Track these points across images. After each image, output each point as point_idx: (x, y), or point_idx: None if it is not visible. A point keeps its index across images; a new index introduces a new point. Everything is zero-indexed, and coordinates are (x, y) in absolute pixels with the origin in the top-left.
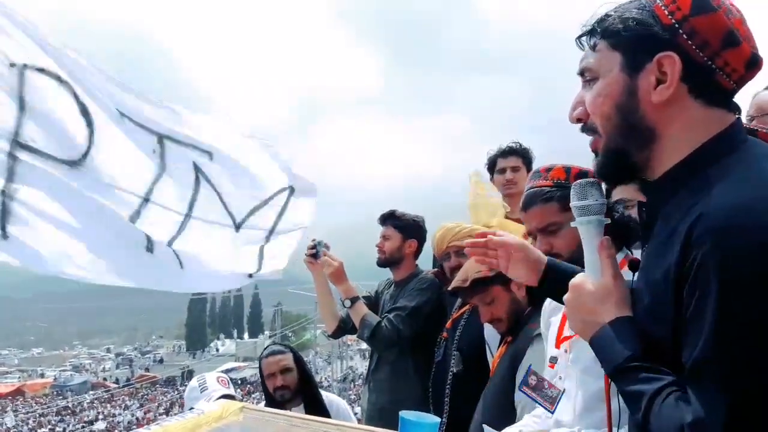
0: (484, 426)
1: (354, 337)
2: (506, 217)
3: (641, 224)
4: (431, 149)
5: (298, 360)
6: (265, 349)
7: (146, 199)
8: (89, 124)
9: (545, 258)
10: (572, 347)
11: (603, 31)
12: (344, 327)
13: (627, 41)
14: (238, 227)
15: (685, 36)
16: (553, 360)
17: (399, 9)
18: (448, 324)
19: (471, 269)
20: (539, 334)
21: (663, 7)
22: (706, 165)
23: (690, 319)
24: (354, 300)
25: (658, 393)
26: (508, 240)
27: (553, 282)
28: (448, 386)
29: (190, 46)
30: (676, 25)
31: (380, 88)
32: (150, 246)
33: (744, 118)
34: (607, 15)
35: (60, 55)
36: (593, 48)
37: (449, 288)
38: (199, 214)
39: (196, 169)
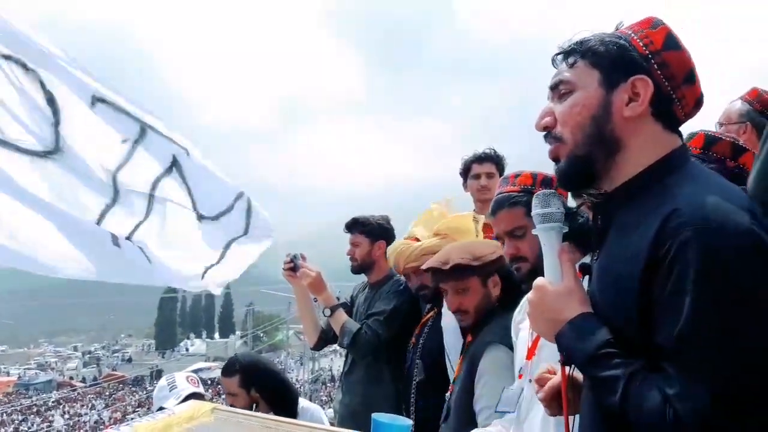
0: None
1: None
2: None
3: (595, 230)
4: (413, 153)
5: (254, 378)
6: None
7: (116, 191)
8: (55, 113)
9: None
10: (540, 351)
11: (584, 51)
12: (325, 338)
13: (606, 61)
14: (200, 217)
15: (656, 66)
16: (522, 370)
17: (383, 15)
18: (417, 329)
19: (455, 253)
20: (491, 342)
21: (638, 40)
22: (664, 175)
23: (666, 302)
24: (334, 308)
25: (634, 374)
26: None
27: None
28: (412, 395)
29: (172, 46)
30: (650, 56)
31: (364, 92)
32: (116, 240)
33: (714, 125)
34: (588, 38)
35: (29, 42)
36: (571, 65)
37: (424, 267)
38: (161, 194)
39: (174, 162)
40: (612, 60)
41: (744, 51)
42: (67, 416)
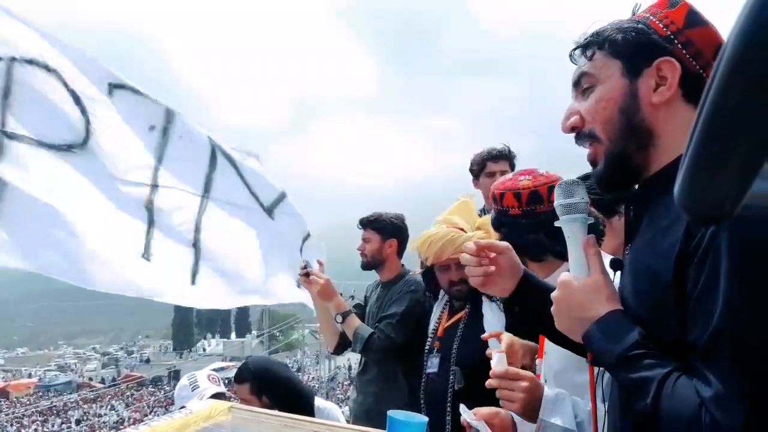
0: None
1: None
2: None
3: (627, 225)
4: (425, 150)
5: (264, 385)
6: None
7: (155, 185)
8: (83, 111)
9: (522, 266)
10: (547, 347)
11: (601, 42)
12: (344, 342)
13: (626, 48)
14: (269, 211)
15: (680, 46)
16: (537, 370)
17: (395, 13)
18: (440, 332)
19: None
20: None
21: (657, 22)
22: None
23: (699, 298)
24: (345, 314)
25: (668, 376)
26: (496, 243)
27: (528, 293)
28: (449, 404)
29: (183, 44)
30: (672, 36)
31: (377, 90)
32: (146, 255)
33: None
34: (602, 29)
35: (49, 40)
36: (590, 58)
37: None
38: (219, 195)
39: (213, 146)
40: (632, 46)
41: None
42: (85, 417)
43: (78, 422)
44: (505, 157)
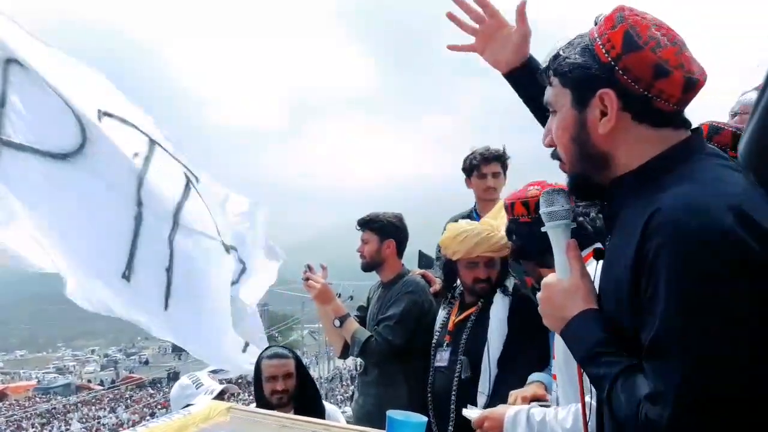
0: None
1: None
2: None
3: (605, 219)
4: (424, 150)
5: (300, 366)
6: (266, 349)
7: (140, 203)
8: (78, 117)
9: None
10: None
11: (555, 70)
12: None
13: (573, 81)
14: (227, 249)
15: (620, 72)
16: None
17: (393, 13)
18: (451, 326)
19: None
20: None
21: (601, 46)
22: (660, 173)
23: (647, 303)
24: (343, 319)
25: (619, 374)
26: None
27: (528, 72)
28: (453, 392)
29: (179, 45)
30: (612, 63)
31: (374, 91)
32: (127, 273)
33: (728, 114)
34: (558, 54)
35: (39, 50)
36: (551, 84)
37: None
38: (185, 222)
39: (187, 178)
40: (578, 79)
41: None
42: (84, 420)
43: (80, 421)
44: (497, 158)
